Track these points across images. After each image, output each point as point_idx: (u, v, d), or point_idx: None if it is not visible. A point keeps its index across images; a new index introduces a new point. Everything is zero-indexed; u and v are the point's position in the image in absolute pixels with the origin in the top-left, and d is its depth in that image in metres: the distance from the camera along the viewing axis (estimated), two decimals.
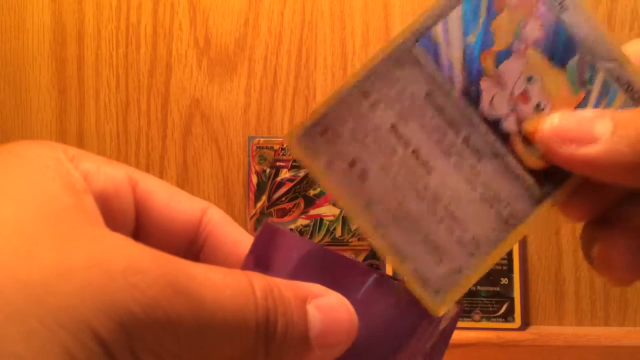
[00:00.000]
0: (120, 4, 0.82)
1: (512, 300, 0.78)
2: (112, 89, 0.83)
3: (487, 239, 0.22)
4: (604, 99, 0.22)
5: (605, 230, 0.22)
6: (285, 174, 0.81)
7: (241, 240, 0.23)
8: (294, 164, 0.81)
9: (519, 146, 0.22)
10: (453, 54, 0.21)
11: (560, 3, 0.22)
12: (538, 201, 0.22)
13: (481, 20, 0.21)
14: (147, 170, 0.78)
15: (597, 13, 0.80)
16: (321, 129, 0.21)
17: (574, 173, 0.22)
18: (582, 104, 0.22)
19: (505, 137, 0.22)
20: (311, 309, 0.19)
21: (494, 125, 0.22)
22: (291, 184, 0.81)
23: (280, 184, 0.81)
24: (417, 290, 0.21)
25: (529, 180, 0.22)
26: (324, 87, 0.82)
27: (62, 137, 0.82)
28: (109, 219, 0.18)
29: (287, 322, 0.18)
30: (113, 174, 0.20)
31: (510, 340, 0.77)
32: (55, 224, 0.16)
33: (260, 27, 0.82)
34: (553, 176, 0.22)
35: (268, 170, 0.81)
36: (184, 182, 0.82)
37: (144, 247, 0.17)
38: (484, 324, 0.77)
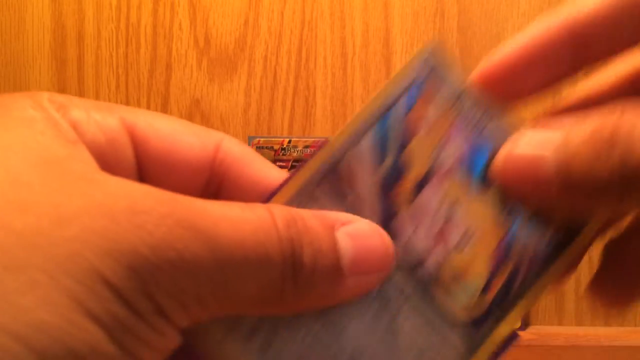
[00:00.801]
0: (120, 4, 0.82)
1: None
2: (112, 89, 0.83)
3: None
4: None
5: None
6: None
7: (268, 175, 0.20)
8: (294, 164, 0.81)
9: (442, 295, 0.19)
10: (362, 191, 0.19)
11: (480, 116, 0.19)
12: (465, 358, 0.19)
13: (392, 150, 0.19)
14: None
15: None
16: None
17: (501, 323, 0.19)
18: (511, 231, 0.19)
19: (425, 285, 0.19)
20: (341, 235, 0.17)
21: (412, 270, 0.19)
22: None
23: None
24: None
25: (455, 334, 0.19)
26: (324, 87, 0.82)
27: None
28: (106, 171, 0.17)
29: (315, 252, 0.17)
30: (106, 122, 0.18)
31: None
32: (50, 170, 0.15)
33: (260, 27, 0.82)
34: (481, 326, 0.19)
35: None
36: None
37: (149, 187, 0.15)
38: None
